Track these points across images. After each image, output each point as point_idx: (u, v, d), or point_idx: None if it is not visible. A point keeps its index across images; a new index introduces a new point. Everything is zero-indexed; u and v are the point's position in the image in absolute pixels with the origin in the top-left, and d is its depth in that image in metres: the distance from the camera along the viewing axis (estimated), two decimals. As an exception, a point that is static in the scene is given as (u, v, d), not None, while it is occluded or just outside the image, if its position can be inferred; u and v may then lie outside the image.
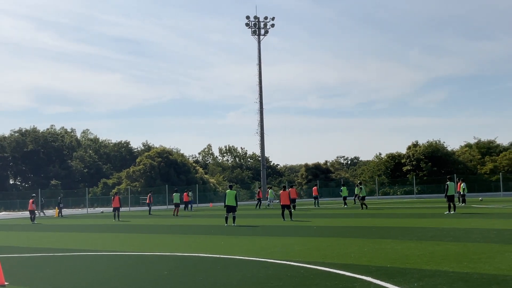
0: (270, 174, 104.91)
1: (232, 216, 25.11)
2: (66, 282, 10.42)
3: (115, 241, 19.55)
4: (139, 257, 14.04)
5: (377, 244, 14.81)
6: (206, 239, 18.87)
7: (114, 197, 36.80)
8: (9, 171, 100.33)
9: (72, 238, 21.39)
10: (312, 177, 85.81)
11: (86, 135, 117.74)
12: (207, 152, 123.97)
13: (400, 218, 25.86)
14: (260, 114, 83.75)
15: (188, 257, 13.58)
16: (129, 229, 25.48)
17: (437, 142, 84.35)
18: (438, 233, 17.29)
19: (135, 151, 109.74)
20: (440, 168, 78.16)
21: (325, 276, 9.98)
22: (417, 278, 9.35)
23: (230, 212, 25.16)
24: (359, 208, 37.25)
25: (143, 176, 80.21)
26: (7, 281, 10.44)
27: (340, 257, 12.47)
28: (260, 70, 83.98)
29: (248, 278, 10.01)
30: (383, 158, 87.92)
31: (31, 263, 13.74)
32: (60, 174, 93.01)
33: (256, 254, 13.48)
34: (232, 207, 25.13)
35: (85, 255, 14.87)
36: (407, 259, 11.73)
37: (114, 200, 36.35)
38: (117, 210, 35.49)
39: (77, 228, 27.76)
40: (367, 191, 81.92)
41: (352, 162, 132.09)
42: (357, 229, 20.44)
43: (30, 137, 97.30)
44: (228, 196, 25.29)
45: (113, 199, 36.63)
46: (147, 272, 11.32)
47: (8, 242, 20.39)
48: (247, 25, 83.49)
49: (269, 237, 18.46)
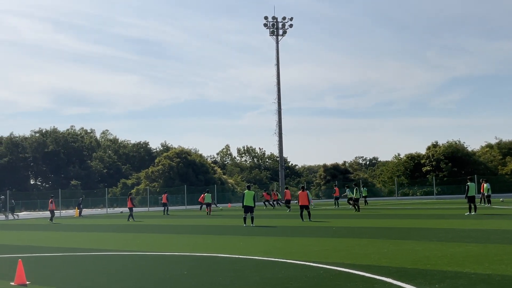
0: (288, 175, 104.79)
1: (250, 217, 25.13)
2: (87, 282, 10.49)
3: (135, 241, 19.65)
4: (158, 257, 14.10)
5: (397, 245, 14.70)
6: (224, 239, 18.89)
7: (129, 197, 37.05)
8: (30, 171, 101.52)
9: (92, 238, 21.55)
10: (331, 178, 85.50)
11: (106, 136, 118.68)
12: (225, 153, 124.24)
13: (420, 219, 25.65)
14: (278, 115, 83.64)
15: (207, 257, 13.60)
16: (148, 229, 25.60)
17: (457, 142, 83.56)
18: (459, 234, 17.12)
19: (154, 151, 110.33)
20: (460, 168, 77.39)
21: (344, 277, 9.93)
22: (438, 280, 9.25)
23: (248, 212, 25.19)
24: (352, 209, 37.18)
25: (162, 176, 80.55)
26: (28, 280, 10.55)
27: (360, 258, 12.39)
28: (278, 71, 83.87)
29: (266, 279, 9.99)
30: (402, 159, 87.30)
31: (52, 262, 13.87)
32: (80, 175, 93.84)
33: (274, 255, 13.45)
34: (250, 208, 25.18)
35: (105, 255, 14.97)
36: (427, 260, 11.62)
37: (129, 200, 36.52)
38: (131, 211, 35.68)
39: (97, 228, 27.97)
40: (386, 192, 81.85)
41: (371, 162, 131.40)
42: (376, 230, 20.32)
43: (51, 138, 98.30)
44: (247, 196, 25.38)
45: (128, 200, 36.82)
46: (167, 271, 11.35)
47: (29, 242, 20.60)
48: (265, 26, 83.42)
49: (288, 238, 18.42)
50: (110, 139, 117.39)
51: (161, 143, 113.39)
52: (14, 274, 10.56)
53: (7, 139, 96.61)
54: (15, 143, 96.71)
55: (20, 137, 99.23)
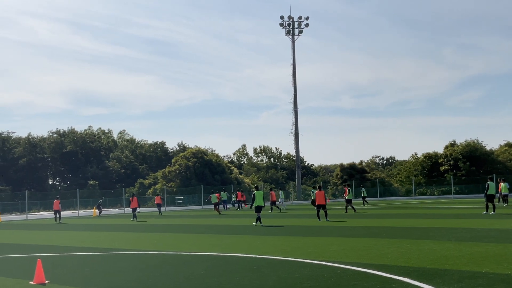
0: (305, 174, 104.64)
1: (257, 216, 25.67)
2: (105, 281, 10.57)
3: (152, 240, 19.73)
4: (175, 256, 14.15)
5: (415, 245, 14.61)
6: (241, 239, 18.91)
7: (132, 198, 37.00)
8: (48, 171, 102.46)
9: (110, 238, 21.66)
10: (347, 177, 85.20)
11: (123, 136, 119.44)
12: (242, 152, 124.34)
13: (438, 219, 25.48)
14: (295, 114, 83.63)
15: (224, 256, 13.62)
16: (164, 229, 25.70)
17: (475, 141, 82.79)
18: (477, 234, 16.97)
19: (171, 151, 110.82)
20: (479, 167, 76.70)
21: (362, 276, 9.89)
22: (457, 280, 9.18)
23: (260, 212, 25.65)
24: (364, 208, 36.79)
25: (179, 176, 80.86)
26: (47, 279, 10.65)
27: (377, 257, 12.34)
28: (294, 70, 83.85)
29: (283, 279, 9.99)
30: (420, 158, 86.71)
31: (70, 262, 13.97)
32: (98, 175, 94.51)
33: (291, 254, 13.44)
34: (261, 207, 25.80)
35: (123, 254, 15.06)
36: (445, 260, 11.53)
37: (132, 201, 36.61)
38: (134, 211, 35.93)
39: (115, 228, 28.14)
40: (403, 192, 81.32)
41: (388, 162, 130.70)
42: (393, 229, 20.21)
43: (69, 138, 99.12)
44: (257, 196, 26.05)
45: (132, 200, 36.81)
46: (184, 271, 11.39)
47: (47, 241, 20.79)
48: (281, 25, 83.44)
49: (305, 237, 18.39)
50: (127, 139, 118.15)
51: (177, 143, 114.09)
52: (33, 273, 10.68)
53: (26, 140, 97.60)
54: (34, 144, 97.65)
55: (38, 138, 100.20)
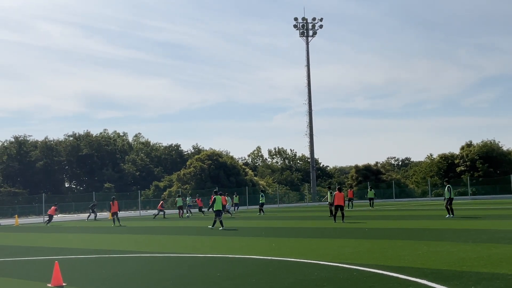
0: (320, 176, 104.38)
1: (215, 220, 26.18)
2: (122, 283, 10.62)
3: (168, 242, 19.80)
4: (192, 258, 14.19)
5: (432, 246, 14.52)
6: (257, 241, 18.91)
7: (113, 202, 35.24)
8: (64, 174, 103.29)
9: (126, 240, 21.77)
10: (363, 179, 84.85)
11: (138, 139, 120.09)
12: (257, 154, 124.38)
13: (455, 220, 25.29)
14: (309, 116, 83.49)
15: (241, 259, 13.63)
16: (181, 231, 25.78)
17: (491, 142, 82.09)
18: (495, 235, 16.82)
19: (186, 154, 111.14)
20: (496, 168, 76.00)
21: (378, 278, 9.85)
22: (474, 282, 9.11)
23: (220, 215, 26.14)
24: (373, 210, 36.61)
25: (194, 178, 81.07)
26: (65, 282, 10.73)
27: (394, 259, 12.28)
28: (308, 72, 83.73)
29: (300, 281, 9.98)
30: (435, 159, 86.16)
31: (87, 264, 14.07)
32: (113, 177, 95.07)
33: (308, 256, 13.41)
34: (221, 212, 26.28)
35: (140, 257, 15.12)
36: (463, 262, 11.45)
37: (113, 205, 34.98)
38: (115, 215, 34.56)
39: (131, 230, 28.26)
40: (419, 193, 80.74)
41: (403, 163, 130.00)
42: (410, 231, 20.10)
43: (84, 142, 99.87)
44: (218, 201, 26.28)
45: (113, 204, 35.13)
46: (201, 273, 11.41)
47: (65, 244, 20.94)
48: (295, 27, 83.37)
49: (321, 239, 18.35)
50: (142, 142, 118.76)
51: (192, 146, 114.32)
52: (51, 276, 10.76)
53: (42, 143, 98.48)
54: (50, 147, 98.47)
55: (55, 141, 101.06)
